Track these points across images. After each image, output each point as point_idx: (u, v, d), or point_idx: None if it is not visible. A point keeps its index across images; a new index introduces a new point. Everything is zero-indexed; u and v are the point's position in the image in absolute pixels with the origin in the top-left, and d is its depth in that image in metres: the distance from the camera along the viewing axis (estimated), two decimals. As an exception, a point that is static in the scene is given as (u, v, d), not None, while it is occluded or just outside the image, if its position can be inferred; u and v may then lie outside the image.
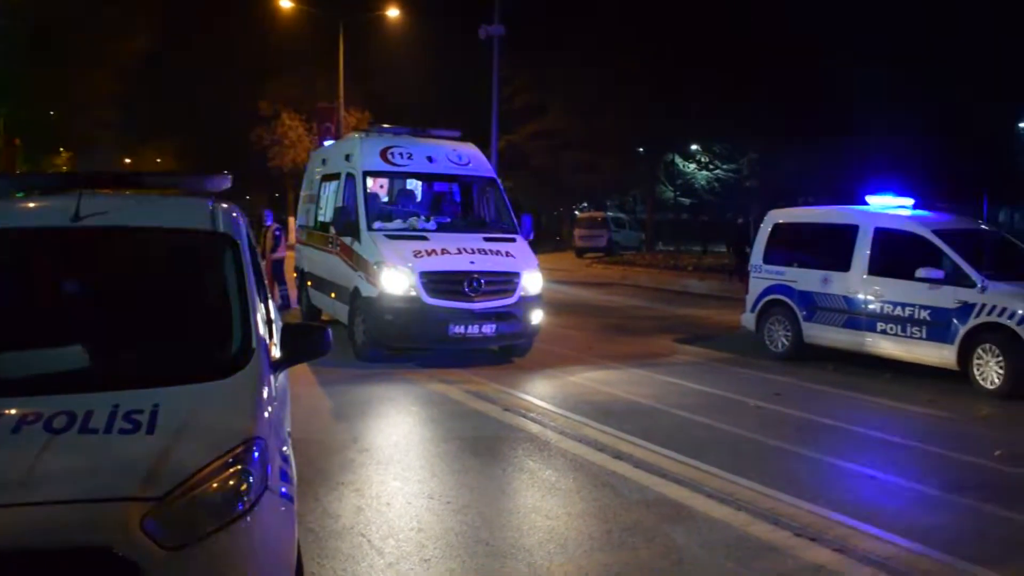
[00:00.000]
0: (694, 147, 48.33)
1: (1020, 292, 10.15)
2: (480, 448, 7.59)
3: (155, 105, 50.97)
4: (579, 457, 7.38)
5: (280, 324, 4.81)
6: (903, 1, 35.45)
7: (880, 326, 11.27)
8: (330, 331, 4.44)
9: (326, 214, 13.73)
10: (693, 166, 49.01)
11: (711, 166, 48.52)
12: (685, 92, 36.14)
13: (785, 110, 35.99)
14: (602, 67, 36.16)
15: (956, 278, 10.53)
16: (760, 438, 8.09)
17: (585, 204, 53.84)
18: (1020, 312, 9.89)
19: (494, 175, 13.40)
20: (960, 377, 10.56)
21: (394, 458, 7.28)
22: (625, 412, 9.03)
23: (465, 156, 13.02)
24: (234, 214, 4.81)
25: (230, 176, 5.48)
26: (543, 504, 6.18)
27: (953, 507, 6.27)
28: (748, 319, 13.25)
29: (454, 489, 6.47)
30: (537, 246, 35.34)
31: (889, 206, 12.25)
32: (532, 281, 11.62)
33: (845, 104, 37.26)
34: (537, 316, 11.70)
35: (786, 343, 12.52)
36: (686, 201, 50.73)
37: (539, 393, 10.03)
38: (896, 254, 11.37)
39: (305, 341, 4.39)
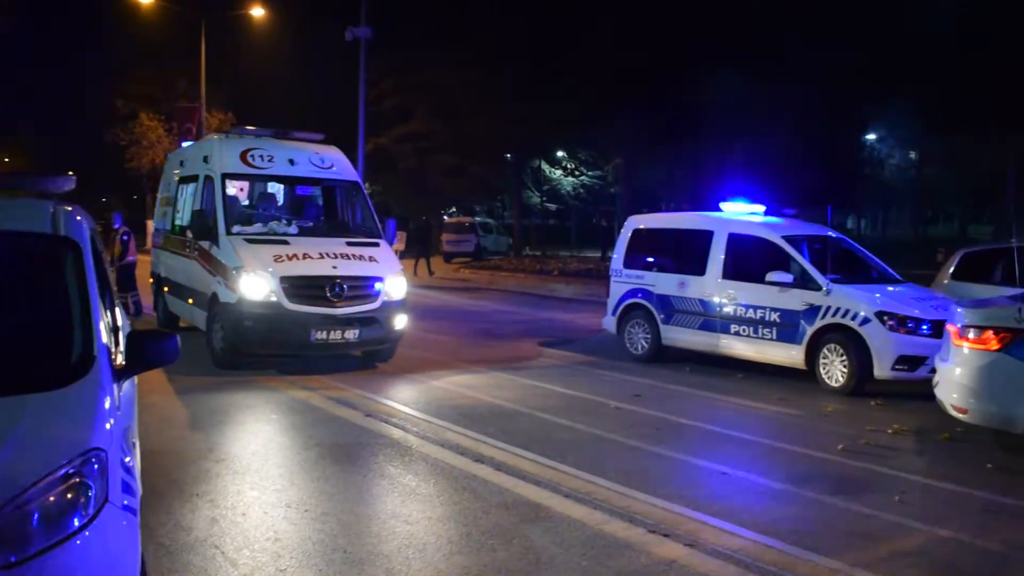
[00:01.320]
0: (560, 153, 49.08)
1: (862, 295, 10.71)
2: (340, 455, 7.50)
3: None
4: (440, 461, 7.38)
5: (128, 331, 4.64)
6: (763, 16, 36.78)
7: (734, 328, 11.70)
8: (178, 338, 4.32)
9: (183, 218, 13.33)
10: (559, 172, 49.78)
11: (577, 172, 49.38)
12: (552, 99, 36.63)
13: (648, 118, 36.83)
14: (470, 71, 36.33)
15: (803, 282, 11.04)
16: (619, 438, 8.27)
17: (454, 209, 53.96)
18: (862, 313, 10.43)
19: (358, 179, 13.27)
20: (808, 376, 11.06)
21: (252, 467, 7.12)
22: (487, 415, 9.09)
23: (328, 159, 12.85)
24: (77, 217, 4.62)
25: (74, 177, 5.25)
26: (403, 509, 6.16)
27: (798, 500, 6.54)
28: (609, 322, 13.54)
29: (313, 497, 6.38)
30: (408, 251, 35.23)
31: (742, 212, 12.72)
32: (396, 286, 11.57)
33: (705, 114, 38.43)
34: (401, 321, 11.65)
35: (646, 345, 12.85)
36: (553, 206, 51.48)
37: (402, 398, 9.99)
38: (748, 259, 11.84)
39: (151, 348, 4.24)
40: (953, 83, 36.00)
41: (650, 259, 13.12)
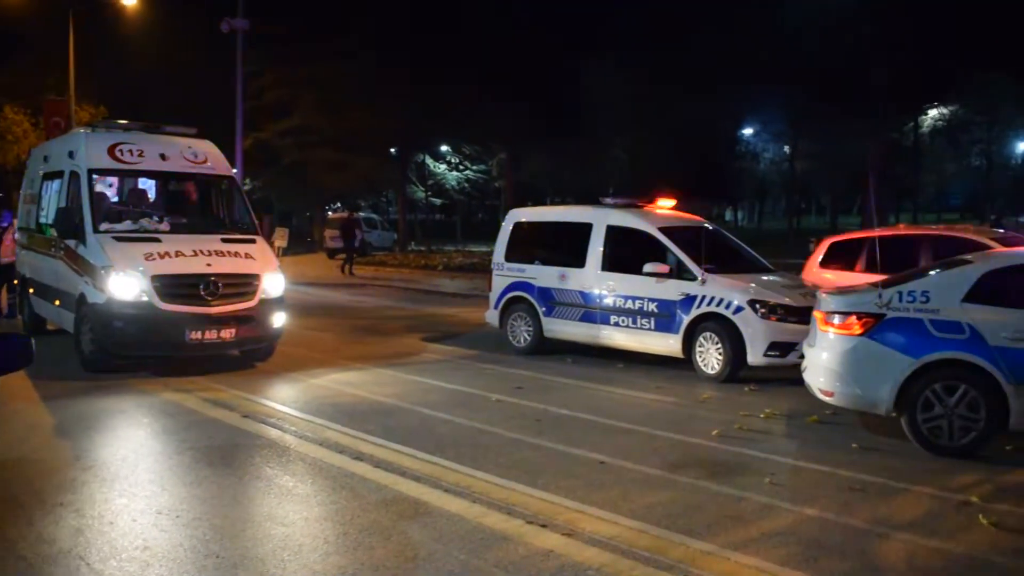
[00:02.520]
0: (444, 148, 49.02)
1: (735, 284, 11.00)
2: (215, 458, 7.30)
3: None
4: (319, 460, 7.27)
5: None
6: (641, 11, 37.42)
7: (613, 319, 11.88)
8: (32, 340, 4.13)
9: (48, 215, 12.75)
10: (444, 166, 49.71)
11: (461, 167, 49.40)
12: (436, 92, 36.52)
13: (531, 112, 37.10)
14: (353, 64, 35.87)
15: (679, 272, 11.28)
16: (499, 431, 8.29)
17: (339, 204, 53.32)
18: (735, 302, 10.72)
19: (233, 173, 12.94)
20: (685, 364, 11.32)
21: (121, 474, 6.86)
22: (368, 412, 8.99)
23: (202, 153, 12.49)
24: None
25: None
26: (279, 511, 6.04)
27: (674, 485, 6.67)
28: (492, 316, 13.57)
29: (185, 502, 6.19)
30: (290, 248, 34.45)
31: (620, 204, 12.89)
32: (273, 283, 11.34)
33: (587, 108, 38.93)
34: (280, 319, 11.44)
35: (528, 338, 12.93)
36: (438, 201, 51.39)
37: (281, 398, 9.80)
38: (627, 250, 12.03)
39: (1, 352, 4.05)
40: (817, 80, 37.38)
41: (531, 252, 13.20)
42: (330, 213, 48.02)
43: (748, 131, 57.78)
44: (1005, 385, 7.30)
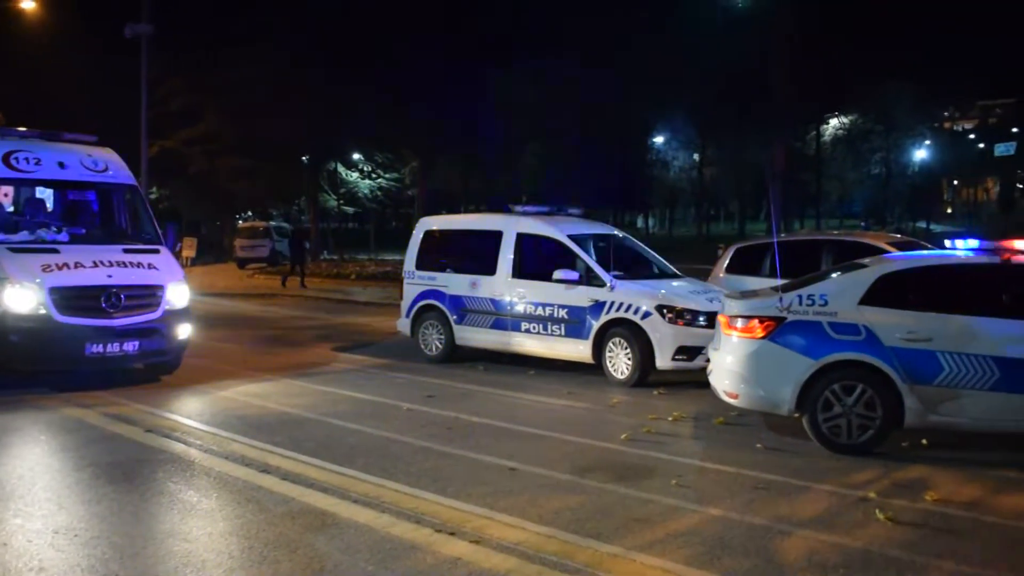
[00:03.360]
0: (357, 156, 48.66)
1: (643, 290, 11.17)
2: (116, 474, 7.10)
3: None
4: (224, 474, 7.13)
5: None
6: (550, 23, 37.73)
7: (524, 326, 11.94)
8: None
9: (-62, 227, 12.23)
10: (356, 175, 49.34)
11: (374, 175, 49.09)
12: (348, 100, 36.23)
13: (443, 121, 37.09)
14: (263, 71, 35.33)
15: (589, 279, 11.40)
16: (409, 440, 8.24)
17: (249, 213, 52.45)
18: (643, 308, 10.87)
19: (135, 182, 12.61)
20: (595, 369, 11.43)
21: (16, 493, 6.62)
22: (276, 424, 8.85)
23: (102, 162, 12.13)
24: None
25: None
26: (182, 527, 5.90)
27: (582, 489, 6.72)
28: (403, 324, 13.51)
29: (83, 521, 6.00)
30: (199, 257, 33.63)
31: (530, 212, 12.97)
32: (178, 294, 11.10)
33: (499, 116, 39.06)
34: (185, 331, 11.19)
35: (440, 346, 12.90)
36: (350, 210, 50.94)
37: (186, 411, 9.58)
38: (537, 258, 12.13)
39: None
40: (723, 89, 38.19)
41: (442, 260, 13.19)
42: (240, 222, 47.21)
43: (659, 139, 58.78)
44: (900, 384, 7.57)
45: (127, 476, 7.06)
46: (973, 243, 8.22)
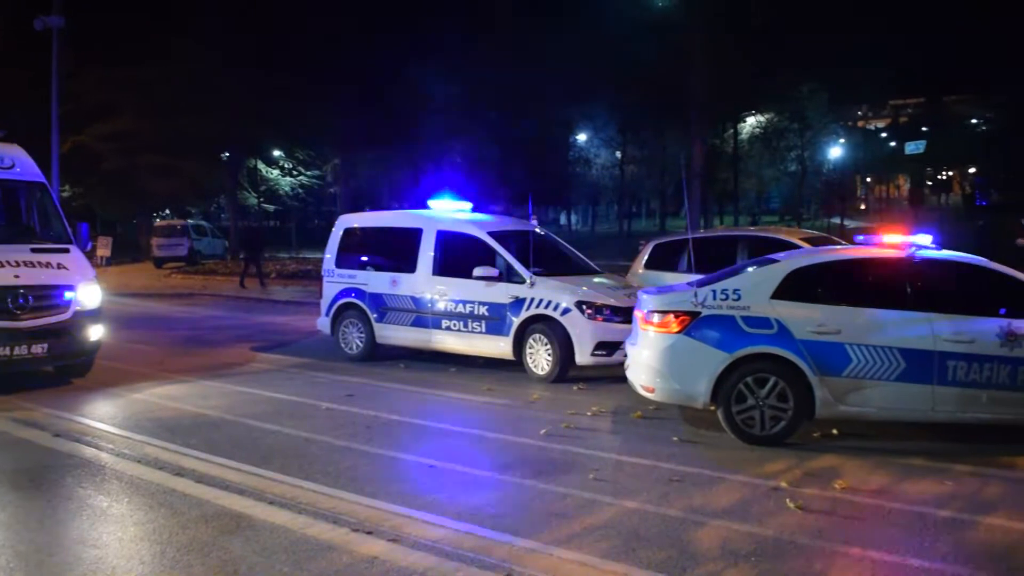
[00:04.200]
0: (277, 153, 47.99)
1: (563, 286, 11.24)
2: (22, 481, 6.90)
3: None
4: (136, 478, 6.98)
5: None
6: (476, 27, 37.68)
7: (445, 323, 11.92)
8: None
9: None
10: (277, 172, 48.65)
11: (295, 172, 48.47)
12: (268, 96, 35.68)
13: (365, 118, 36.78)
14: (181, 66, 34.58)
15: (509, 275, 11.43)
16: (328, 439, 8.17)
17: (167, 212, 51.35)
18: (563, 304, 10.94)
19: (44, 179, 12.24)
20: (516, 366, 11.47)
21: (-85, 502, 6.40)
22: (191, 426, 8.70)
23: (8, 158, 11.74)
24: None
25: None
26: (91, 533, 5.76)
27: (501, 486, 6.75)
28: (323, 323, 13.38)
29: (-14, 529, 5.83)
30: (115, 257, 32.65)
31: (450, 209, 12.96)
32: (89, 294, 10.82)
33: (421, 114, 38.91)
34: (97, 332, 10.92)
35: (360, 345, 12.81)
36: (271, 207, 50.22)
37: (97, 414, 9.36)
38: (457, 255, 12.11)
39: None
40: (642, 87, 38.59)
41: (362, 258, 13.10)
42: (158, 220, 46.20)
43: (581, 137, 59.17)
44: (811, 376, 7.76)
45: (34, 482, 6.87)
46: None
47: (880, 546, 5.49)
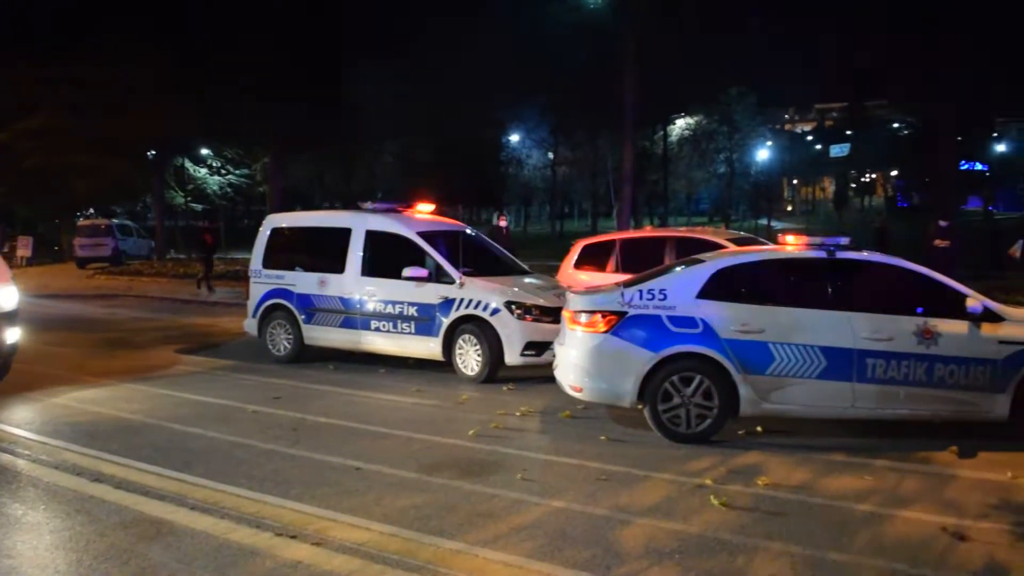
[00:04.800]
0: (205, 151, 47.20)
1: (492, 286, 11.23)
2: (-69, 489, 6.68)
3: None
4: (53, 485, 6.79)
5: None
6: (402, 20, 37.49)
7: (374, 324, 11.84)
8: None
9: None
10: (204, 171, 47.86)
11: (223, 171, 47.72)
12: (196, 94, 35.04)
13: (296, 117, 36.32)
14: (105, 63, 33.74)
15: (438, 276, 11.39)
16: (254, 443, 8.05)
17: (92, 211, 50.11)
18: (492, 304, 10.94)
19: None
20: (446, 366, 11.43)
21: None
22: (111, 431, 8.50)
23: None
24: None
25: None
26: (5, 543, 5.58)
27: (427, 487, 6.71)
28: (250, 325, 13.19)
29: None
30: (36, 257, 31.61)
31: (380, 209, 12.85)
32: (5, 296, 10.50)
33: (354, 114, 38.60)
34: (13, 335, 10.60)
35: (288, 346, 12.66)
36: (198, 207, 49.36)
37: (13, 420, 9.07)
38: (386, 255, 12.03)
39: None
40: (573, 90, 38.81)
41: (290, 258, 12.93)
42: (81, 220, 45.04)
43: (514, 138, 59.34)
44: (735, 374, 7.88)
45: (-56, 491, 6.65)
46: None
47: (801, 541, 5.59)
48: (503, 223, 21.67)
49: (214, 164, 47.86)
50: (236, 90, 34.31)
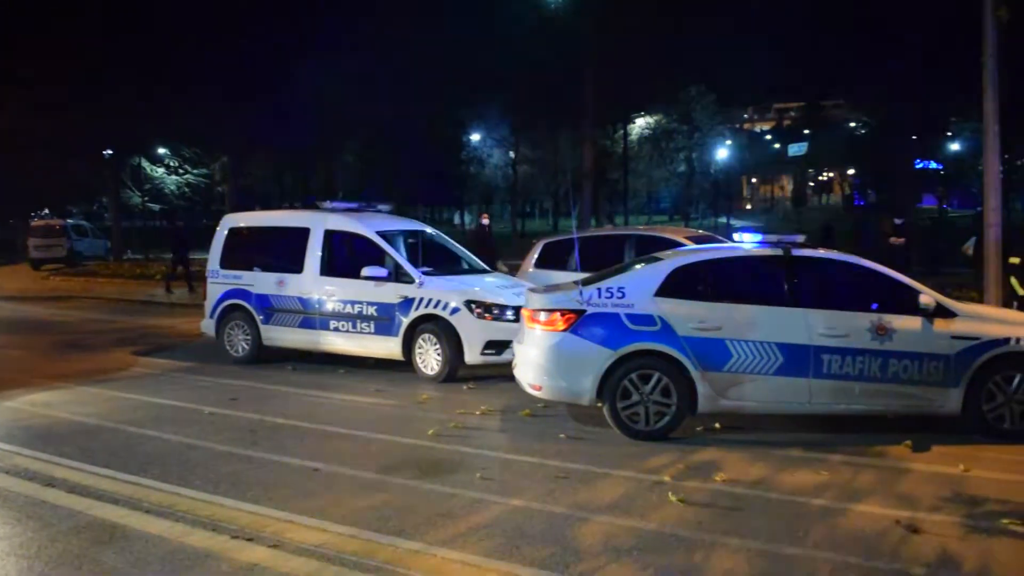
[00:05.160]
0: (163, 151, 46.63)
1: (452, 286, 11.22)
2: None
3: None
4: (4, 490, 6.67)
5: None
6: (369, 25, 37.31)
7: (334, 324, 11.76)
8: None
9: None
10: (162, 170, 47.28)
11: (181, 170, 47.17)
12: (154, 93, 34.58)
13: (254, 116, 36.03)
14: (63, 63, 33.19)
15: (398, 275, 11.34)
16: (210, 445, 7.97)
17: (47, 211, 49.28)
18: (452, 303, 10.91)
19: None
20: (406, 366, 11.39)
21: None
22: (65, 434, 8.37)
23: None
24: None
25: None
26: (-48, 549, 5.49)
27: (386, 487, 6.68)
28: (208, 325, 13.05)
29: None
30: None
31: (339, 208, 12.77)
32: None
33: (311, 113, 38.34)
34: (-37, 337, 10.42)
35: (246, 347, 12.55)
36: (156, 207, 48.74)
37: (-36, 424, 8.93)
38: (345, 255, 12.00)
39: None
40: (534, 89, 38.89)
41: (248, 258, 12.79)
42: (35, 220, 44.31)
43: (475, 137, 59.28)
44: (693, 371, 7.94)
45: None
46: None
47: (757, 536, 5.64)
48: (485, 221, 21.61)
49: (172, 163, 47.24)
50: (190, 90, 33.93)
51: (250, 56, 34.54)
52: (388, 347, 11.38)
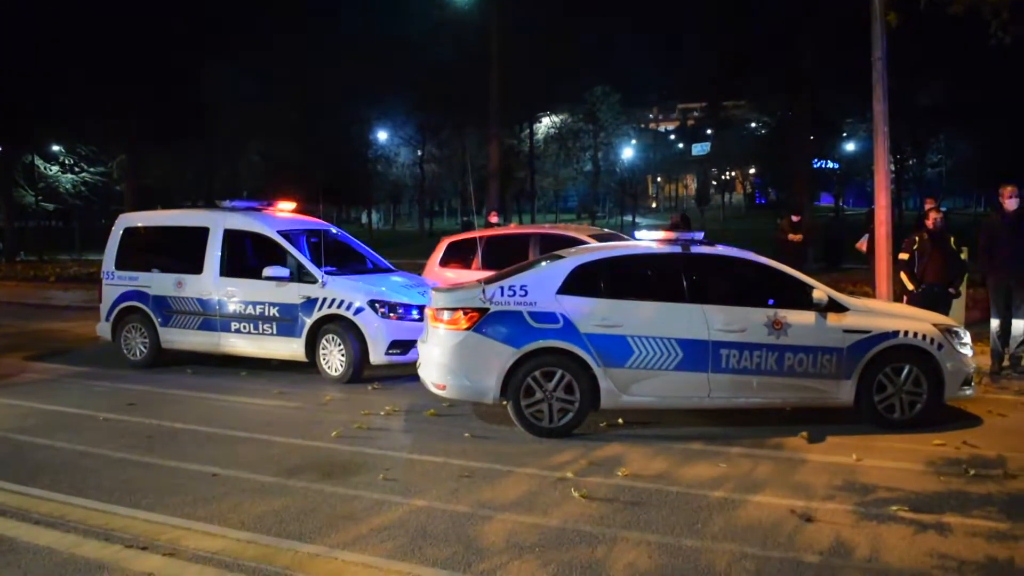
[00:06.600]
0: (57, 148, 45.09)
1: (356, 285, 11.12)
2: None
3: None
4: None
5: None
6: (274, 22, 36.76)
7: (234, 326, 11.53)
8: None
9: None
10: (56, 168, 45.71)
11: (77, 168, 45.69)
12: (45, 88, 33.43)
13: (153, 113, 35.13)
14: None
15: (300, 275, 11.18)
16: (105, 452, 7.74)
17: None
18: (356, 303, 10.82)
19: None
20: (310, 367, 11.25)
21: None
22: (-52, 444, 8.03)
23: None
24: None
25: None
26: None
27: (287, 491, 6.58)
28: (104, 329, 12.66)
29: None
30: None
31: (240, 207, 12.51)
32: None
33: (215, 111, 37.63)
34: None
35: (144, 351, 12.21)
36: (50, 206, 47.10)
37: None
38: (246, 255, 11.81)
39: None
40: (439, 88, 38.81)
41: (145, 259, 12.45)
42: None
43: (382, 135, 58.87)
44: (595, 368, 8.03)
45: None
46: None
47: (657, 529, 5.73)
48: (494, 220, 21.43)
49: (67, 161, 45.71)
50: (85, 85, 32.93)
51: (151, 52, 33.67)
52: (291, 348, 11.21)
